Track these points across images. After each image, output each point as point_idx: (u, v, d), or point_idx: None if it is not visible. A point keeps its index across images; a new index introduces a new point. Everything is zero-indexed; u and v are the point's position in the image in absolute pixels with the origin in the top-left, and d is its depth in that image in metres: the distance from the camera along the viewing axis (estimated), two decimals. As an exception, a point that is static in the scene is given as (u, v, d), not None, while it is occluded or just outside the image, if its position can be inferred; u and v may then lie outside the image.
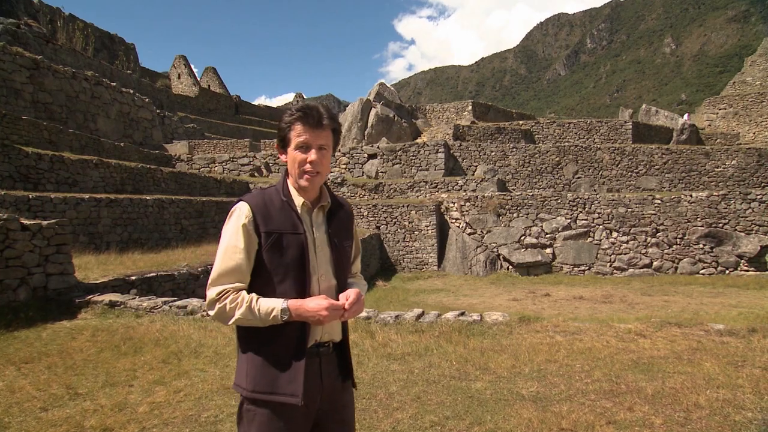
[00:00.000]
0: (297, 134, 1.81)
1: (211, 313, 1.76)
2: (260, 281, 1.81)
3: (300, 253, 1.80)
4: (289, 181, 1.89)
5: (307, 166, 1.81)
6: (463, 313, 6.68)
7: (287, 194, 1.86)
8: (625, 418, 3.65)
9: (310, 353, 1.82)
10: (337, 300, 1.81)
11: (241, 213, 1.79)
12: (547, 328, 6.22)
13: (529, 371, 4.73)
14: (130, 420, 3.67)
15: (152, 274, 7.59)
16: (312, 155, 1.80)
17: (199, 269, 8.60)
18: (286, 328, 1.77)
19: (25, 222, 6.02)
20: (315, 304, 1.72)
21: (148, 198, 10.82)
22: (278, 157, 22.31)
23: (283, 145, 1.87)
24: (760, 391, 4.00)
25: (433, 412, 3.86)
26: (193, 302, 6.52)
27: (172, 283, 7.92)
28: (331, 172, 21.47)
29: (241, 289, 1.77)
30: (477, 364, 4.93)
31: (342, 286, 1.93)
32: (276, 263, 1.78)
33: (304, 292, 1.80)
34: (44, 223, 6.14)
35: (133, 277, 7.27)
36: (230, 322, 1.75)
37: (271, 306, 1.72)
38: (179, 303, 6.45)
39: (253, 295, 1.77)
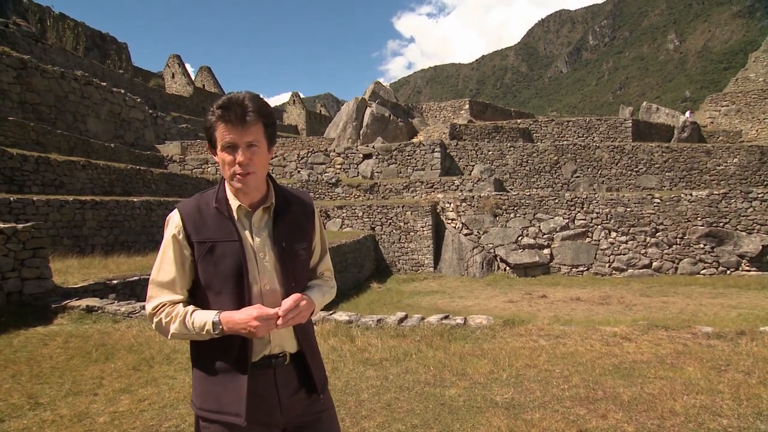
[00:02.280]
0: (221, 134, 1.66)
1: (153, 326, 1.70)
2: (200, 293, 1.72)
3: (236, 261, 1.67)
4: (227, 185, 1.76)
5: (237, 168, 1.65)
6: (446, 317, 6.57)
7: (222, 198, 1.73)
8: (597, 426, 3.53)
9: (260, 366, 1.71)
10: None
11: (172, 223, 1.71)
12: (531, 331, 6.09)
13: (506, 377, 4.61)
14: (87, 431, 3.58)
15: (135, 278, 7.49)
16: (239, 156, 1.64)
17: (185, 272, 8.51)
18: (228, 342, 1.67)
19: None
20: (244, 315, 1.60)
21: (135, 200, 10.73)
22: (272, 158, 22.30)
23: (213, 146, 1.72)
24: (739, 396, 3.87)
25: (402, 421, 3.75)
26: (172, 306, 6.42)
27: (155, 287, 7.82)
28: (326, 173, 21.39)
29: (178, 302, 1.69)
30: (454, 370, 4.82)
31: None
32: (212, 274, 1.67)
33: (243, 303, 1.67)
34: (19, 226, 6.06)
35: (115, 281, 7.18)
36: (169, 337, 1.68)
37: (204, 319, 1.62)
38: (158, 307, 6.35)
39: (189, 308, 1.68)
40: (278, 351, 1.75)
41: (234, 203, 1.73)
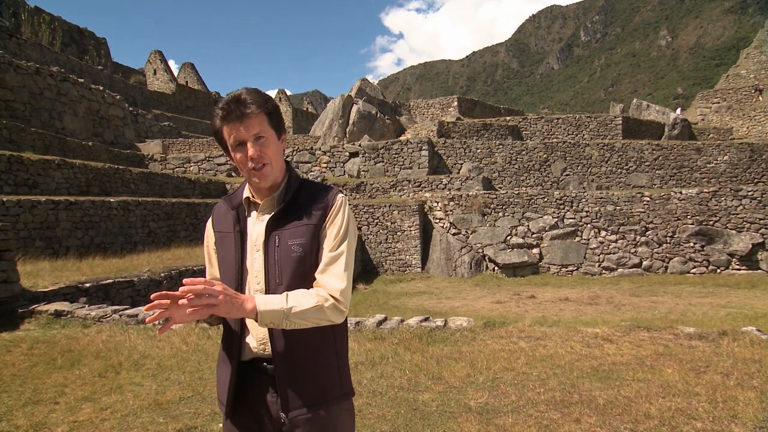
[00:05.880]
0: (227, 135, 1.65)
1: None
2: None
3: (232, 251, 1.70)
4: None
5: (250, 163, 1.64)
6: (427, 319, 6.46)
7: (239, 192, 1.77)
8: (569, 431, 3.44)
9: (249, 365, 1.69)
10: None
11: (210, 215, 1.86)
12: (511, 333, 5.99)
13: (483, 380, 4.51)
14: (42, 442, 3.44)
15: (109, 281, 7.31)
16: (250, 149, 1.63)
17: (162, 275, 8.32)
18: (228, 333, 1.73)
19: (-36, 229, 5.76)
20: None
21: (112, 200, 10.55)
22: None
23: (227, 150, 1.72)
24: (716, 399, 3.78)
25: (371, 427, 3.65)
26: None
27: (131, 290, 7.64)
28: (311, 172, 21.17)
29: None
30: (431, 374, 4.71)
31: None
32: (220, 261, 1.76)
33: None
34: (-16, 229, 5.88)
35: (87, 284, 7.00)
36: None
37: None
38: (130, 311, 6.20)
39: None
40: (265, 353, 1.68)
41: (244, 195, 1.75)
